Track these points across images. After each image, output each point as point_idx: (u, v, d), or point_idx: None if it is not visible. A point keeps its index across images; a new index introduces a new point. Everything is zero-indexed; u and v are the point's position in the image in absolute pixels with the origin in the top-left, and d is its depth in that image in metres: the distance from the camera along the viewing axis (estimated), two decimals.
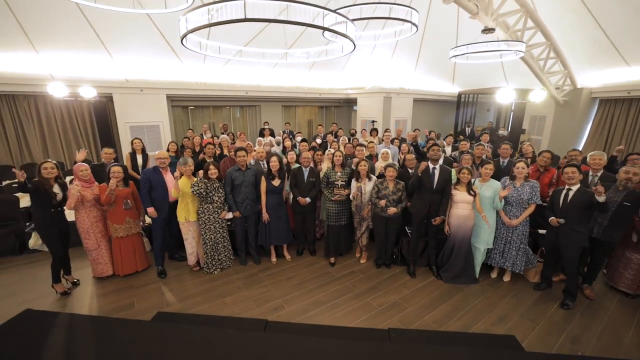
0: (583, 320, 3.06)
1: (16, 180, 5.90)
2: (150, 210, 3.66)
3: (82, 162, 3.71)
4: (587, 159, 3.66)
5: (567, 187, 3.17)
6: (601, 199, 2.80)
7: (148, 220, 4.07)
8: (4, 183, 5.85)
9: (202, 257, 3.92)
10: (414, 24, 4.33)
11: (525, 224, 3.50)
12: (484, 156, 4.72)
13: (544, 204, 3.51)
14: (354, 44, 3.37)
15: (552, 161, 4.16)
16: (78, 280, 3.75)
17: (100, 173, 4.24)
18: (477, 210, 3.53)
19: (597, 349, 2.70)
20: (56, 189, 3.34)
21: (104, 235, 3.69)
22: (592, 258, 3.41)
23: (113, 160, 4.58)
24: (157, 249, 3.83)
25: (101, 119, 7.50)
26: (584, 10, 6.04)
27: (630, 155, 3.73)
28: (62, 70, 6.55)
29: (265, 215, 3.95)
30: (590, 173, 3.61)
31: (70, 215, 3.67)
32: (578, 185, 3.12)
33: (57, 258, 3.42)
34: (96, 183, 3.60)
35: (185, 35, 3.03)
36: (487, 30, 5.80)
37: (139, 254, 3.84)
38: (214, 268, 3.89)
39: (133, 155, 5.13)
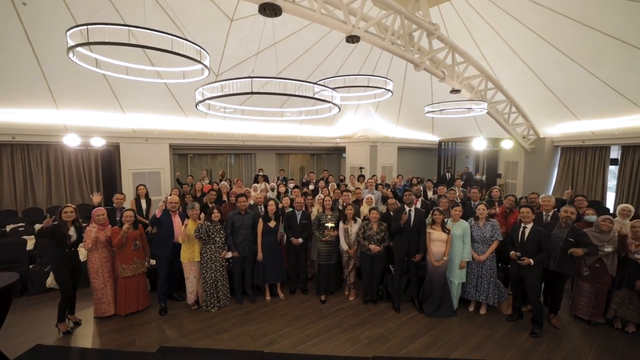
0: (549, 347, 3.39)
1: (21, 225, 6.17)
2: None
3: (98, 206, 4.13)
4: (540, 201, 4.27)
5: (523, 225, 3.70)
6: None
7: (152, 261, 4.37)
8: (8, 227, 6.09)
9: (201, 296, 4.18)
10: (389, 90, 5.20)
11: (492, 259, 3.96)
12: (457, 199, 5.30)
13: None
14: (339, 108, 4.10)
15: (517, 203, 4.75)
16: (80, 320, 3.92)
17: (110, 216, 4.61)
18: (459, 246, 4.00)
19: None
20: (72, 231, 3.70)
21: (111, 275, 3.97)
22: (553, 289, 3.82)
23: (123, 206, 4.98)
24: (160, 286, 4.10)
25: (107, 166, 8.02)
26: (532, 75, 7.18)
27: (577, 197, 4.36)
28: (75, 121, 7.18)
29: (260, 255, 4.31)
30: (544, 213, 4.19)
31: (82, 255, 3.98)
32: (532, 224, 3.66)
33: (66, 297, 3.65)
34: (110, 226, 3.98)
35: (201, 102, 3.71)
36: (455, 91, 6.82)
37: (142, 293, 4.09)
38: (212, 306, 4.13)
39: (137, 200, 5.55)
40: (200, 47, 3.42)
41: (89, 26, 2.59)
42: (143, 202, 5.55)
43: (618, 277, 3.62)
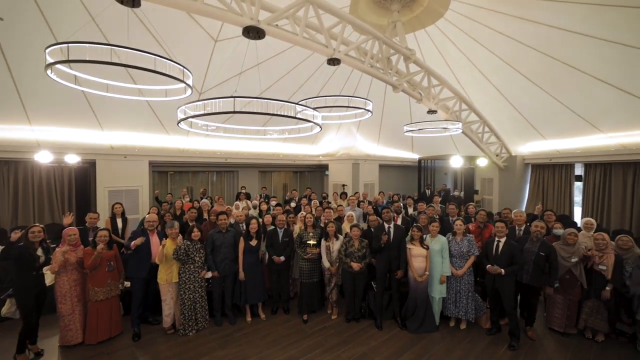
0: (526, 359, 3.46)
1: None
2: None
3: (70, 226, 3.96)
4: (512, 216, 4.48)
5: (497, 239, 3.86)
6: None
7: (127, 283, 4.18)
8: None
9: (178, 318, 4.00)
10: (369, 110, 5.40)
11: (470, 273, 4.07)
12: (435, 216, 5.46)
13: None
14: (320, 127, 4.21)
15: (489, 218, 4.95)
16: (42, 350, 3.64)
17: (83, 236, 4.40)
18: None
19: None
20: (39, 252, 3.51)
21: (80, 300, 3.74)
22: (527, 302, 3.95)
23: (96, 225, 4.78)
24: (134, 310, 3.90)
25: (81, 184, 7.71)
26: (502, 98, 7.69)
27: (546, 211, 4.61)
28: (49, 137, 6.92)
29: (241, 274, 4.23)
30: (517, 227, 4.39)
31: (48, 279, 3.75)
32: (505, 238, 3.83)
33: (28, 324, 3.41)
34: (82, 246, 3.80)
35: (183, 120, 3.71)
36: (431, 111, 7.16)
37: (114, 318, 3.86)
38: (189, 329, 3.96)
39: (113, 219, 5.35)
40: (183, 67, 3.47)
41: (69, 44, 2.59)
42: (119, 221, 5.36)
43: (586, 288, 3.79)
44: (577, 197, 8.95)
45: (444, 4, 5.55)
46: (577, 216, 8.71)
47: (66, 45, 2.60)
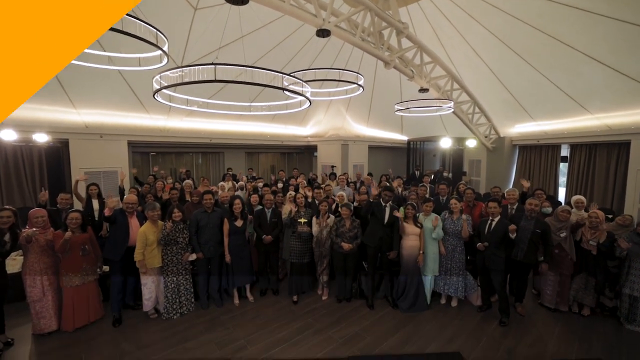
0: (517, 334, 3.51)
1: None
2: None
3: (39, 207, 3.64)
4: (504, 195, 4.44)
5: (490, 218, 3.81)
6: (512, 236, 3.56)
7: (105, 267, 3.93)
8: None
9: (161, 302, 3.81)
10: (360, 85, 5.16)
11: (461, 251, 4.03)
12: (426, 195, 5.39)
13: None
14: (309, 101, 3.96)
15: (476, 197, 4.90)
16: (12, 339, 3.39)
17: (55, 218, 4.08)
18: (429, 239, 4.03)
19: (528, 356, 3.11)
20: (7, 237, 3.21)
21: (52, 284, 3.46)
22: (518, 279, 3.97)
23: (69, 206, 4.45)
24: (114, 294, 3.68)
25: (53, 165, 7.21)
26: (493, 77, 7.56)
27: (536, 190, 4.59)
28: (14, 114, 6.35)
29: (227, 257, 4.04)
30: (509, 206, 4.35)
31: (15, 267, 3.47)
32: (498, 217, 3.78)
33: None
34: (52, 229, 3.50)
35: (158, 90, 3.38)
36: (422, 90, 6.97)
37: (93, 303, 3.63)
38: (173, 313, 3.79)
39: (88, 201, 5.01)
40: (157, 30, 3.11)
41: None
42: (95, 203, 5.02)
43: (577, 263, 3.81)
44: (560, 178, 9.12)
45: None
46: (561, 196, 8.90)
47: None
